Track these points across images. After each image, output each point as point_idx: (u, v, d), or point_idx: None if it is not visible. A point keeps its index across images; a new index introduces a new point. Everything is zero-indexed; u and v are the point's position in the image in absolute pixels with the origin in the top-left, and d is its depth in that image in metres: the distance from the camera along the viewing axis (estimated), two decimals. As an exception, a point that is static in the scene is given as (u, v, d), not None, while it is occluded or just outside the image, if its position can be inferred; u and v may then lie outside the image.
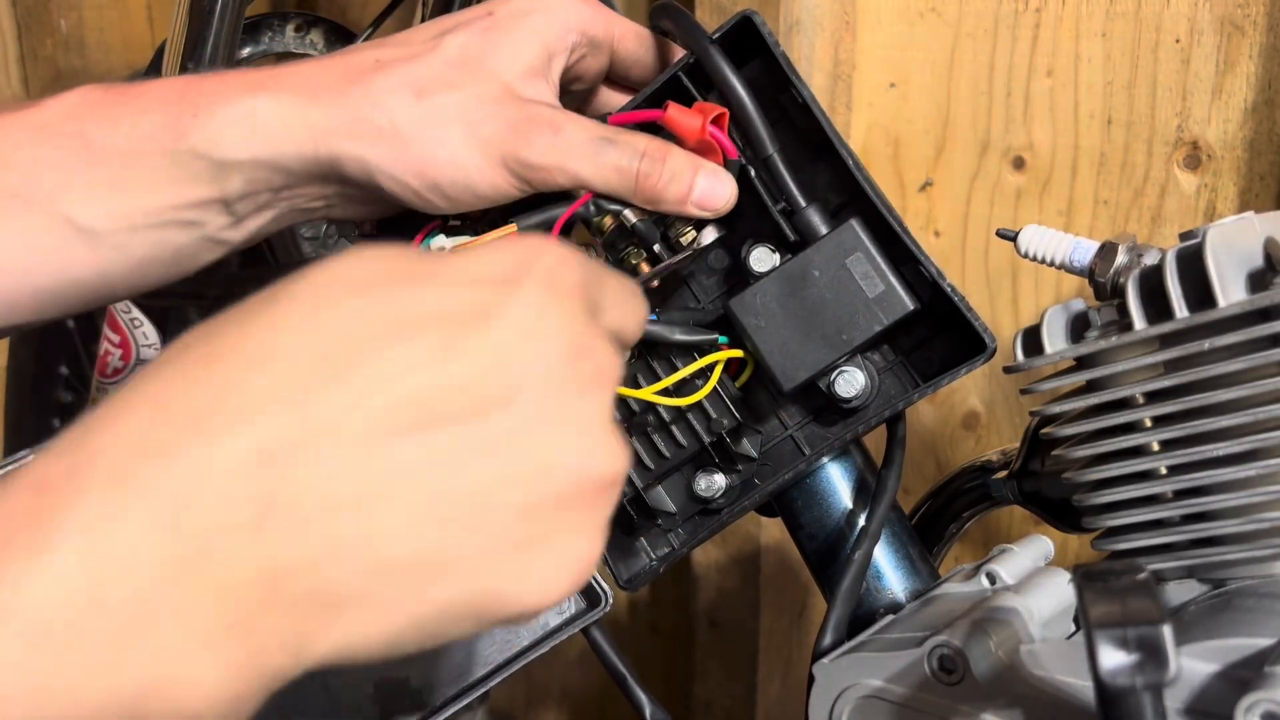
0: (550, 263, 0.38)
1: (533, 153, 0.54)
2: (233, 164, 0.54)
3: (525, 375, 0.36)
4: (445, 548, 0.35)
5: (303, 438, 0.33)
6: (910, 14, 1.04)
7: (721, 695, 1.32)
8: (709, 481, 0.61)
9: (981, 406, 1.11)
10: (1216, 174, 0.96)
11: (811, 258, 0.57)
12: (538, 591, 0.36)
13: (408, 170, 0.54)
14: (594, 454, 0.37)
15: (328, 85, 0.54)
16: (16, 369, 1.19)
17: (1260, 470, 0.52)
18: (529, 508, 0.36)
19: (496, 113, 0.55)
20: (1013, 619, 0.52)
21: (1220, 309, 0.51)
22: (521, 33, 0.57)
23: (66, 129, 0.53)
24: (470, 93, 0.55)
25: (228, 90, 0.54)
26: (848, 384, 0.58)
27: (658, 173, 0.56)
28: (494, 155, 0.54)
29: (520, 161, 0.55)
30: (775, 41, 0.57)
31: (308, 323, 0.35)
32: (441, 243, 0.58)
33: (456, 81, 0.55)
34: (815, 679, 0.56)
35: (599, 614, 0.60)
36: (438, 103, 0.54)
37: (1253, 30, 0.91)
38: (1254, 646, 0.47)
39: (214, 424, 0.32)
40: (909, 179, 1.09)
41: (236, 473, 0.32)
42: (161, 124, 0.53)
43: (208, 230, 0.55)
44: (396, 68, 0.55)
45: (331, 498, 0.33)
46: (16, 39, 1.45)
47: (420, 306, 0.35)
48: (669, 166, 0.56)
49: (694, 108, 0.57)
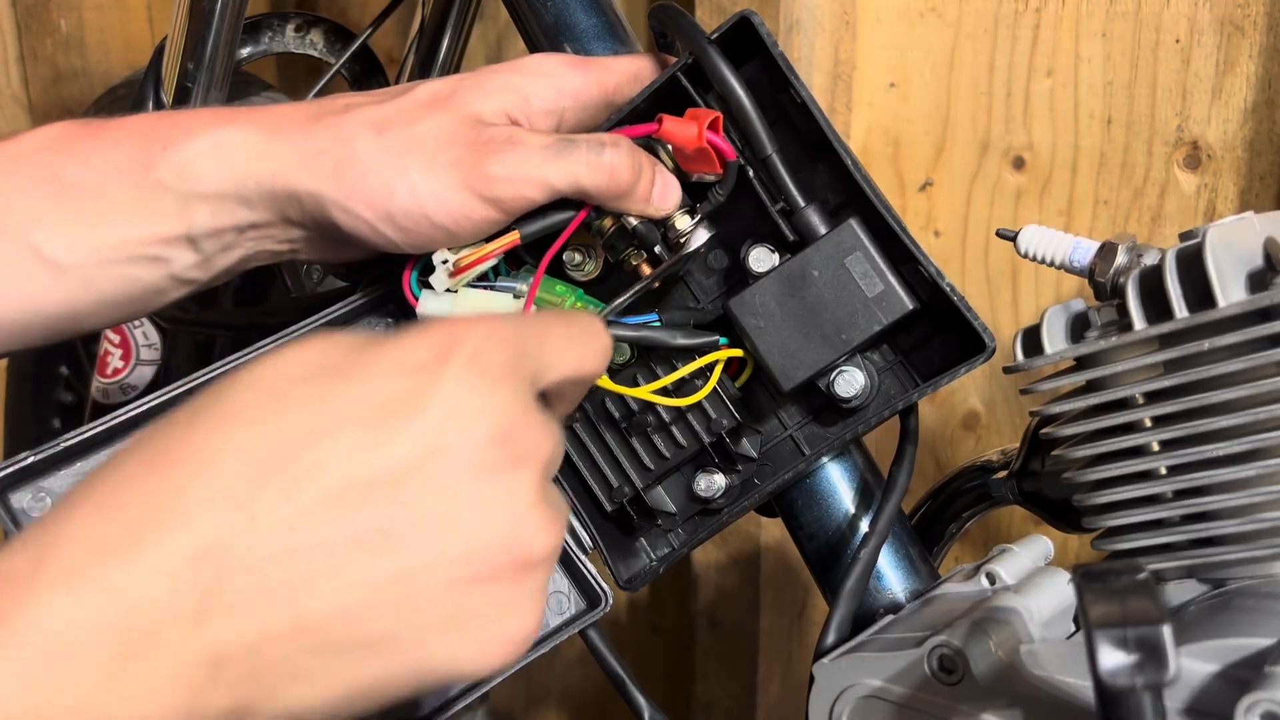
0: (475, 344, 0.39)
1: (494, 167, 0.53)
2: (198, 197, 0.54)
3: (450, 459, 0.38)
4: (376, 627, 0.37)
5: (237, 532, 0.36)
6: (910, 14, 1.04)
7: (721, 695, 1.32)
8: (709, 482, 0.61)
9: (981, 406, 1.11)
10: (1216, 174, 0.96)
11: (810, 257, 0.57)
12: (473, 661, 0.39)
13: (360, 201, 0.53)
14: (520, 533, 0.39)
15: (294, 122, 0.54)
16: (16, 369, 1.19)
17: (1260, 470, 0.52)
18: (457, 587, 0.38)
19: (455, 139, 0.54)
20: (1013, 619, 0.52)
21: (1220, 309, 0.51)
22: (497, 81, 0.57)
23: (39, 160, 0.53)
24: (431, 124, 0.54)
25: (197, 124, 0.54)
26: (847, 384, 0.58)
27: (627, 166, 0.55)
28: (455, 181, 0.53)
29: (484, 180, 0.53)
30: (774, 42, 0.57)
31: (245, 424, 0.37)
32: (444, 255, 0.57)
33: (419, 117, 0.54)
34: (815, 679, 0.56)
35: (598, 614, 0.60)
36: (397, 135, 0.54)
37: (1253, 30, 0.91)
38: (1254, 646, 0.47)
39: (159, 524, 0.35)
40: (909, 179, 1.09)
41: (178, 570, 0.35)
42: (131, 157, 0.53)
43: (174, 268, 0.55)
44: (364, 109, 0.55)
45: (263, 585, 0.36)
46: (16, 39, 1.45)
47: (349, 400, 0.38)
48: (635, 159, 0.55)
49: (686, 115, 0.57)
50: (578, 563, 0.61)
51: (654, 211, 0.57)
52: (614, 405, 0.61)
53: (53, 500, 0.57)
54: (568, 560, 0.62)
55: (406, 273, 0.58)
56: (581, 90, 0.58)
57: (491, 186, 0.53)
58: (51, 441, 0.57)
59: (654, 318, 0.61)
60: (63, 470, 0.58)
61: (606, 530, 0.63)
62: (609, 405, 0.61)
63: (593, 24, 0.67)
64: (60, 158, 0.53)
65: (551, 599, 0.62)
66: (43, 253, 0.53)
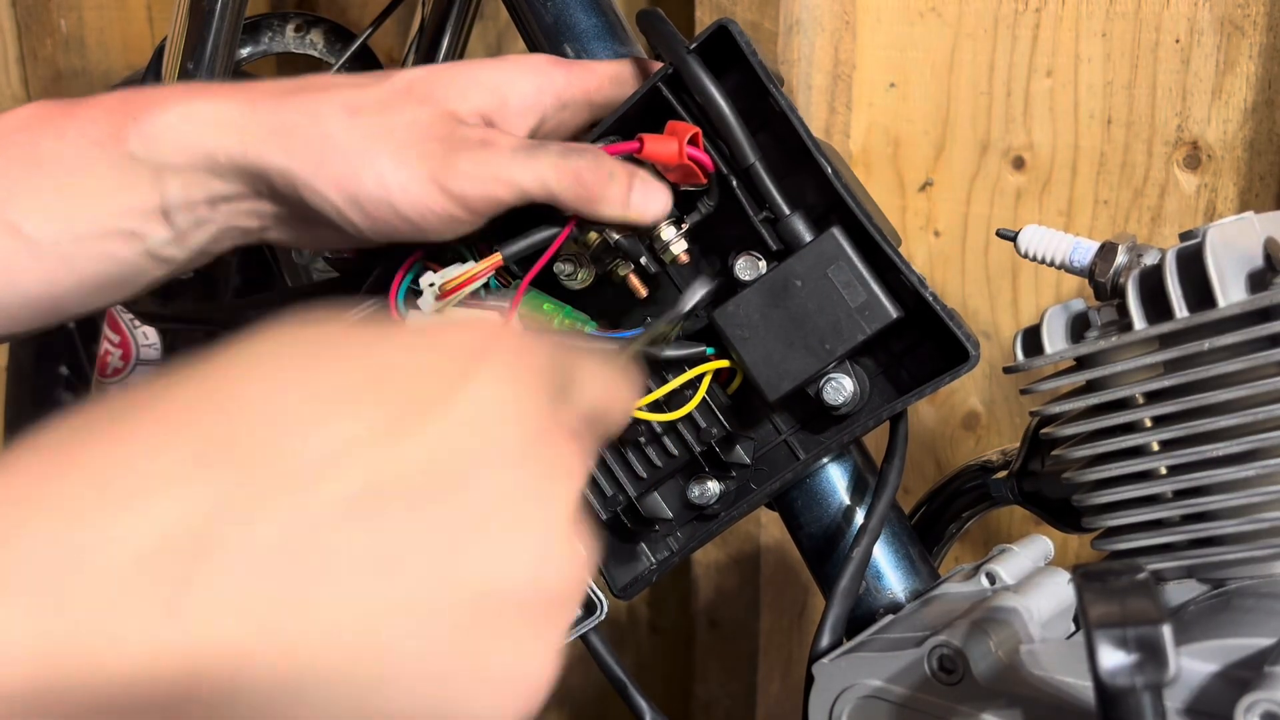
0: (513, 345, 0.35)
1: (464, 164, 0.53)
2: (169, 169, 0.53)
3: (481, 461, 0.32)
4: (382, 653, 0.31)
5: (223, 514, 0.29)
6: (910, 14, 1.04)
7: (721, 695, 1.32)
8: (702, 489, 0.61)
9: (981, 406, 1.11)
10: (1216, 174, 0.96)
11: (793, 267, 0.57)
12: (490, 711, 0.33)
13: (329, 183, 0.53)
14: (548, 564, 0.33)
15: (268, 96, 0.54)
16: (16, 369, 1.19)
17: (1260, 470, 0.52)
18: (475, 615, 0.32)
19: (429, 134, 0.53)
20: (1012, 619, 0.52)
21: (1220, 309, 0.51)
22: (475, 75, 0.56)
23: (17, 140, 0.53)
24: (406, 115, 0.54)
25: (169, 96, 0.54)
26: (835, 391, 0.58)
27: (595, 168, 0.54)
28: (423, 174, 0.53)
29: (452, 175, 0.53)
30: (753, 50, 0.56)
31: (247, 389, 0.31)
32: (431, 279, 0.57)
33: (395, 106, 0.54)
34: (815, 679, 0.56)
35: (594, 622, 0.60)
36: (371, 121, 0.53)
37: (1253, 30, 0.91)
38: (1254, 646, 0.47)
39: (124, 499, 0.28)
40: (909, 179, 1.09)
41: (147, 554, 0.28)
42: (105, 130, 0.53)
43: (150, 244, 0.55)
44: (341, 91, 0.54)
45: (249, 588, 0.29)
46: (16, 39, 1.45)
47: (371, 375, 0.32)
48: (605, 165, 0.55)
49: (666, 130, 0.56)
50: None
51: (635, 217, 0.56)
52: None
53: None
54: None
55: (393, 294, 0.58)
56: (564, 90, 0.58)
57: (458, 183, 0.53)
58: None
59: (641, 332, 0.60)
60: None
61: (602, 538, 0.63)
62: (601, 416, 0.61)
63: (593, 24, 0.67)
64: (37, 134, 0.53)
65: None
66: (20, 229, 0.53)
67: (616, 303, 0.62)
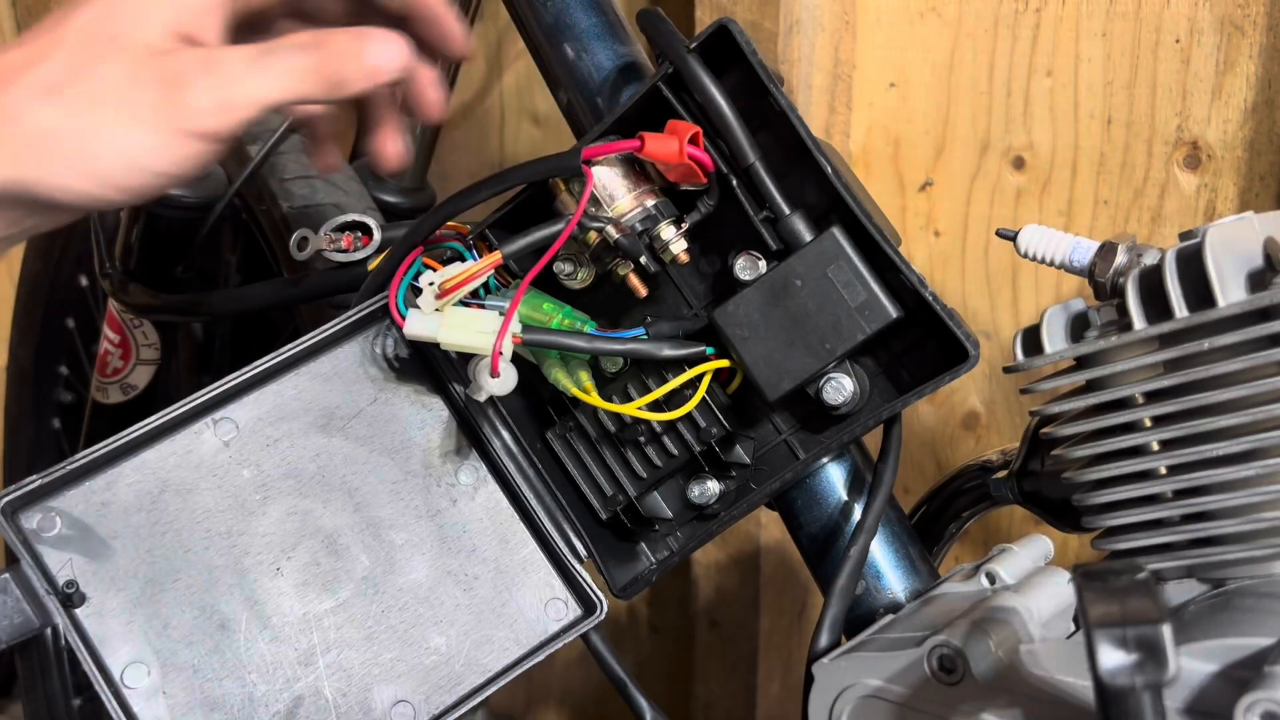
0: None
1: (196, 99, 0.49)
2: None
3: None
4: None
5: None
6: (910, 14, 1.04)
7: (721, 695, 1.32)
8: (702, 489, 0.61)
9: (981, 406, 1.11)
10: (1216, 174, 0.96)
11: (793, 267, 0.57)
12: None
13: (69, 175, 0.50)
14: None
15: None
16: (17, 369, 1.19)
17: (1260, 470, 0.52)
18: None
19: (137, 81, 0.50)
20: (1012, 619, 0.52)
21: (1220, 309, 0.51)
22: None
23: None
24: (105, 74, 0.50)
25: None
26: (835, 391, 0.58)
27: (329, 54, 0.51)
28: (159, 125, 0.49)
29: (190, 116, 0.49)
30: (753, 50, 0.57)
31: None
32: (430, 277, 0.57)
33: (87, 66, 0.50)
34: (815, 679, 0.56)
35: (594, 621, 0.60)
36: (74, 95, 0.49)
37: (1253, 30, 0.91)
38: (1254, 646, 0.47)
39: None
40: (909, 179, 1.09)
41: None
42: None
43: None
44: (24, 76, 0.50)
45: None
46: (16, 39, 1.45)
47: None
48: (334, 47, 0.52)
49: (666, 129, 0.57)
50: (573, 571, 0.61)
51: (386, 78, 0.53)
52: (607, 418, 0.61)
53: (63, 521, 0.57)
54: (563, 568, 0.62)
55: (393, 293, 0.58)
56: None
57: (200, 121, 0.50)
58: (58, 464, 0.57)
59: (641, 332, 0.60)
60: (70, 490, 0.58)
61: (603, 538, 0.63)
62: (602, 418, 0.61)
63: (593, 24, 0.67)
64: None
65: (550, 605, 0.62)
66: None
67: (616, 302, 0.62)
